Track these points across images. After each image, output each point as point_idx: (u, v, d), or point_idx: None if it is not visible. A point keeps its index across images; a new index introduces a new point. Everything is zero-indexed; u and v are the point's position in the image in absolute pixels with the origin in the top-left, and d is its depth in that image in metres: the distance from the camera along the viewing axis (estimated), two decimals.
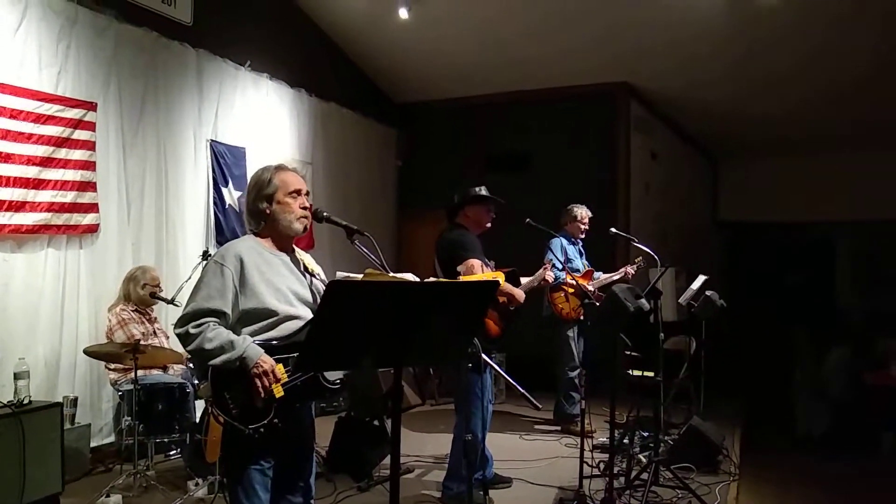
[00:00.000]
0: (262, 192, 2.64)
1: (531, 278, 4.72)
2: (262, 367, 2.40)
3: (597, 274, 6.09)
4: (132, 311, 4.86)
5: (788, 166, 10.58)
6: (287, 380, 2.47)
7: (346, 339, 2.00)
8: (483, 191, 4.33)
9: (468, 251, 4.06)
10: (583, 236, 6.14)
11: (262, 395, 2.41)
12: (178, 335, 2.48)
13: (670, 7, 6.69)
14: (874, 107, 8.24)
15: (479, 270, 4.00)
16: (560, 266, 5.48)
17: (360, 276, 2.42)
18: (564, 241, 5.96)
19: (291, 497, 2.65)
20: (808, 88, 7.98)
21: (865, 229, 10.01)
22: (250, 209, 2.68)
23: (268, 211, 2.64)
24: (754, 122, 9.24)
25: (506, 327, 4.15)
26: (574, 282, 5.48)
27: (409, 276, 2.47)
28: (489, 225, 4.33)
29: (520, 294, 4.16)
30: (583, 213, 6.12)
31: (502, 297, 4.11)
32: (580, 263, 6.06)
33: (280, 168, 2.71)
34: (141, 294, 4.89)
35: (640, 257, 5.47)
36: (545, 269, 4.57)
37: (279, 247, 2.68)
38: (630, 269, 5.88)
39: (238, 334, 2.48)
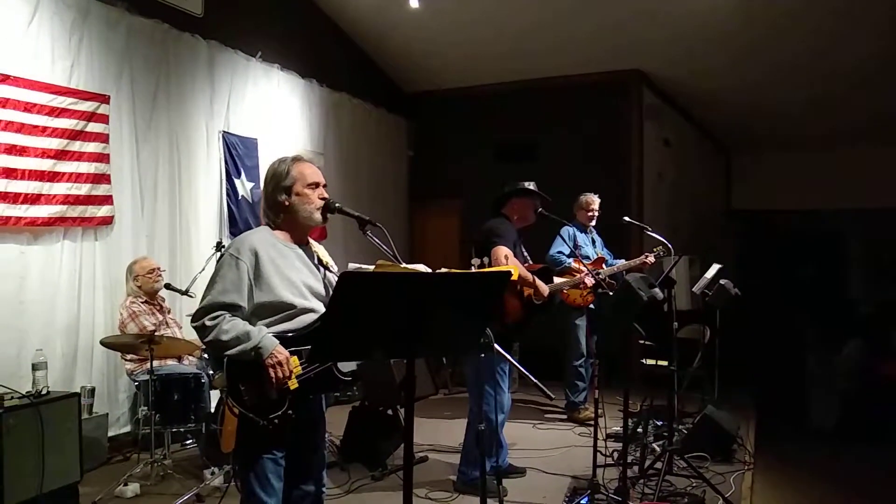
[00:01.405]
0: (280, 183, 2.62)
1: (567, 279, 4.75)
2: (276, 357, 2.42)
3: (618, 261, 6.05)
4: (142, 302, 4.90)
5: (800, 156, 10.48)
6: (301, 372, 2.48)
7: (358, 331, 2.00)
8: (531, 186, 4.37)
9: (500, 237, 4.13)
10: (593, 223, 6.10)
11: (276, 385, 2.42)
12: (194, 328, 2.50)
13: None
14: (887, 97, 8.13)
15: (503, 257, 4.03)
16: (567, 253, 5.49)
17: (371, 268, 2.42)
18: (575, 230, 5.93)
19: (304, 486, 2.67)
20: (820, 77, 7.88)
21: (877, 219, 9.90)
22: (269, 201, 2.66)
23: (287, 203, 2.62)
24: (766, 112, 9.15)
25: (528, 318, 4.18)
26: (583, 269, 5.46)
27: (421, 268, 2.47)
28: (533, 220, 4.37)
29: (543, 287, 4.18)
30: (589, 199, 6.08)
31: (528, 288, 4.14)
32: (592, 252, 6.02)
33: (297, 159, 2.70)
34: (135, 287, 4.91)
35: (660, 246, 5.43)
36: (586, 274, 4.60)
37: (295, 239, 2.67)
38: (650, 258, 5.83)
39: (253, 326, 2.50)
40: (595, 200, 6.10)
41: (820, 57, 7.40)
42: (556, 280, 4.53)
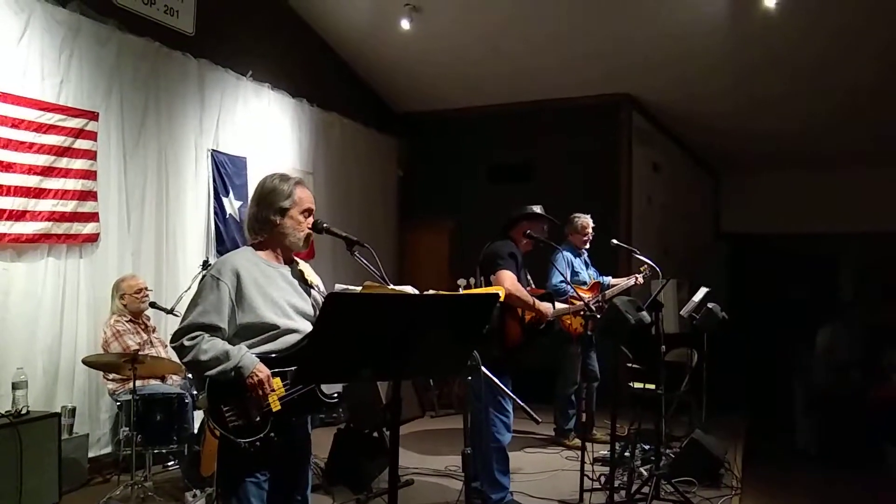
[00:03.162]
0: (276, 202, 2.58)
1: (567, 307, 4.73)
2: (257, 376, 2.39)
3: (606, 278, 6.03)
4: (126, 321, 4.84)
5: (790, 179, 10.57)
6: (284, 393, 2.45)
7: (345, 352, 1.98)
8: (538, 209, 4.36)
9: (504, 260, 4.09)
10: (587, 246, 6.04)
11: (258, 405, 2.39)
12: (173, 348, 2.48)
13: (673, 20, 6.70)
14: (876, 121, 8.24)
15: (507, 283, 3.98)
16: (566, 282, 5.39)
17: (358, 289, 2.41)
18: (569, 255, 5.88)
19: None
20: (810, 103, 7.97)
21: (868, 242, 9.99)
22: (258, 216, 2.60)
23: (277, 222, 2.59)
24: (756, 136, 9.24)
25: (528, 342, 4.14)
26: (584, 297, 5.42)
27: (409, 289, 2.45)
28: (531, 245, 4.35)
29: (547, 309, 4.15)
30: (584, 221, 6.00)
31: (530, 313, 4.11)
32: (586, 276, 5.97)
33: (299, 183, 2.66)
34: (121, 305, 4.86)
35: (645, 266, 5.41)
36: (585, 303, 4.58)
37: (278, 259, 2.65)
38: (639, 280, 5.80)
39: None
40: (590, 223, 6.02)
41: (812, 81, 7.48)
42: (558, 305, 4.49)
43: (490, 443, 4.04)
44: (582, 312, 5.03)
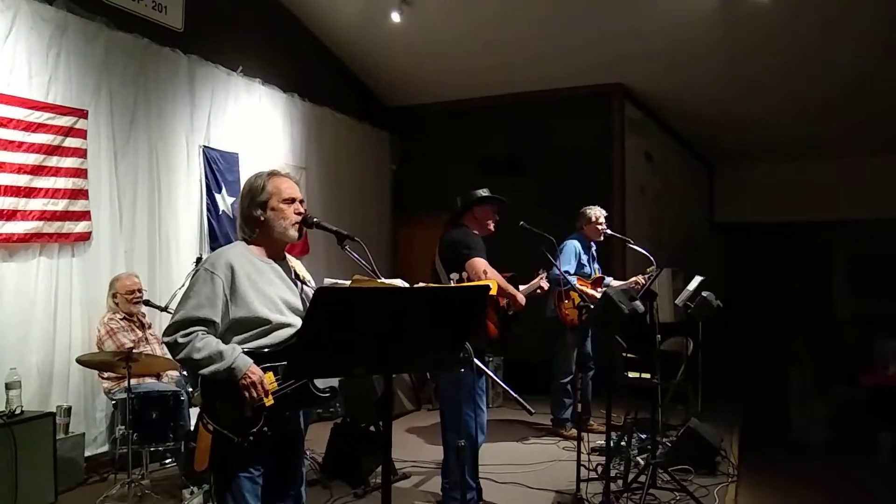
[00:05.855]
0: (255, 198, 2.61)
1: (528, 286, 4.70)
2: (250, 378, 2.39)
3: (608, 279, 6.04)
4: (120, 319, 4.83)
5: (784, 168, 10.58)
6: (277, 388, 2.45)
7: (334, 347, 1.98)
8: (486, 192, 4.29)
9: (472, 250, 4.00)
10: (601, 238, 5.98)
11: (251, 405, 2.39)
12: (166, 344, 2.47)
13: (664, 9, 6.69)
14: (869, 109, 8.23)
15: (482, 269, 3.92)
16: (564, 270, 5.34)
17: (348, 283, 2.40)
18: (578, 246, 5.87)
19: None
20: (802, 91, 7.96)
21: (863, 230, 10.01)
22: (244, 216, 2.65)
23: (262, 218, 2.61)
24: (749, 124, 9.24)
25: (504, 330, 4.09)
26: (587, 289, 5.42)
27: (399, 282, 2.45)
28: (492, 227, 4.27)
29: (521, 297, 4.12)
30: (598, 212, 5.95)
31: (503, 298, 4.07)
32: (592, 269, 5.97)
33: (273, 174, 2.68)
34: (114, 304, 4.86)
35: (653, 267, 5.35)
36: (540, 277, 4.55)
37: (271, 254, 2.65)
38: (640, 280, 5.78)
39: (228, 343, 2.46)
40: (603, 213, 5.97)
41: (804, 69, 7.47)
42: (521, 287, 4.45)
43: (464, 442, 3.89)
44: (539, 290, 4.94)
